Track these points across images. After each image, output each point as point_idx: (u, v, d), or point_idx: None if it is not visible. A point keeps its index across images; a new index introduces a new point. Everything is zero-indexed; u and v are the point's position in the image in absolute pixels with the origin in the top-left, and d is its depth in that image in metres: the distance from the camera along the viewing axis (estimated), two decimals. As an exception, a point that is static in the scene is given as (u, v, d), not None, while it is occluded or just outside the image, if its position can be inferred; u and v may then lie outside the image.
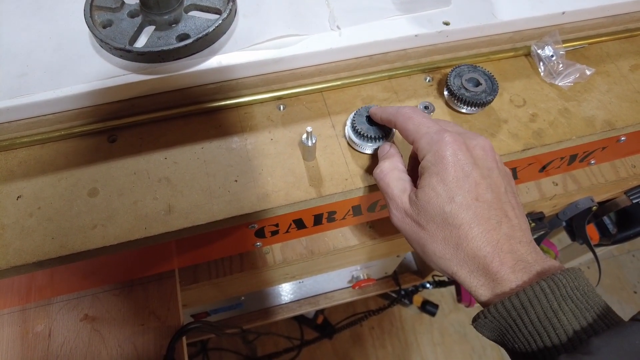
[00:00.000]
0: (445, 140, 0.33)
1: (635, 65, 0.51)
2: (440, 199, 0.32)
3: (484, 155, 0.34)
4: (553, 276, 0.29)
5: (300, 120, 0.44)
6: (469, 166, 0.32)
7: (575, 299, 0.28)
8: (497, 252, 0.31)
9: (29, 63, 0.42)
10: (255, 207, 0.39)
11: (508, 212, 0.32)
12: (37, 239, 0.37)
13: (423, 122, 0.35)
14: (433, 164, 0.33)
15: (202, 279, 0.57)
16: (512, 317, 0.29)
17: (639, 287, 1.58)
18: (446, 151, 0.32)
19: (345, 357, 1.39)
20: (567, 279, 0.29)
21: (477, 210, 0.31)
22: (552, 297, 0.28)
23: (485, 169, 0.33)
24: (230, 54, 0.42)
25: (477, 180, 0.32)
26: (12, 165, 0.41)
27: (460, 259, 0.32)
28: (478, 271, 0.31)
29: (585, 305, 0.28)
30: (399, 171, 0.37)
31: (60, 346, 0.48)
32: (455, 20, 0.46)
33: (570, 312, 0.28)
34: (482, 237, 0.31)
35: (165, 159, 0.41)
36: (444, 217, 0.32)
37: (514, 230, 0.32)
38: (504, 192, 0.33)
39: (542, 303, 0.28)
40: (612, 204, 0.74)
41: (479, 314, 0.31)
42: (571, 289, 0.28)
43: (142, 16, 0.43)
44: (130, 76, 0.41)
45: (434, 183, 0.32)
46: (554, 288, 0.28)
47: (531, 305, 0.28)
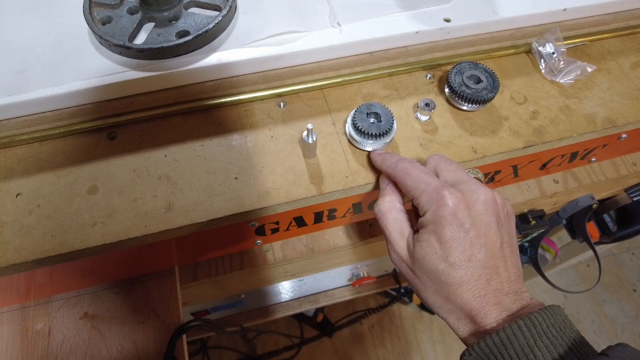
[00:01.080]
0: (444, 201, 0.34)
1: (636, 63, 0.51)
2: (435, 257, 0.34)
3: (484, 211, 0.35)
4: (530, 315, 0.31)
5: (300, 118, 0.44)
6: (466, 226, 0.34)
7: (550, 335, 0.30)
8: (483, 305, 0.33)
9: (28, 60, 0.42)
10: (256, 204, 0.39)
11: (499, 268, 0.34)
12: (36, 237, 0.37)
13: (421, 177, 0.36)
14: (432, 222, 0.34)
15: (202, 276, 0.56)
16: (494, 353, 0.31)
17: (638, 285, 1.58)
18: (445, 212, 0.34)
19: (345, 355, 1.39)
20: (544, 317, 0.31)
21: (469, 270, 0.33)
22: (529, 334, 0.30)
23: (483, 227, 0.34)
24: (230, 50, 0.42)
25: (473, 241, 0.34)
26: (11, 162, 0.41)
27: (449, 309, 0.35)
28: (465, 319, 0.34)
29: (559, 341, 0.30)
30: (396, 211, 0.38)
31: (60, 344, 0.48)
32: (456, 17, 0.46)
33: (544, 348, 0.30)
34: (470, 294, 0.33)
35: (165, 157, 0.41)
36: (437, 274, 0.34)
37: (502, 285, 0.34)
38: (499, 248, 0.35)
39: (520, 340, 0.30)
40: (612, 201, 0.74)
41: (464, 352, 0.33)
42: (547, 326, 0.31)
43: (142, 13, 0.43)
44: (129, 73, 0.41)
45: (432, 241, 0.34)
46: (530, 326, 0.30)
47: (510, 342, 0.30)
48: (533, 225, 0.67)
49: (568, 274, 1.58)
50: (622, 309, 1.53)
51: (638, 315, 1.52)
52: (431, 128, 0.44)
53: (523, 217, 0.68)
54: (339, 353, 1.39)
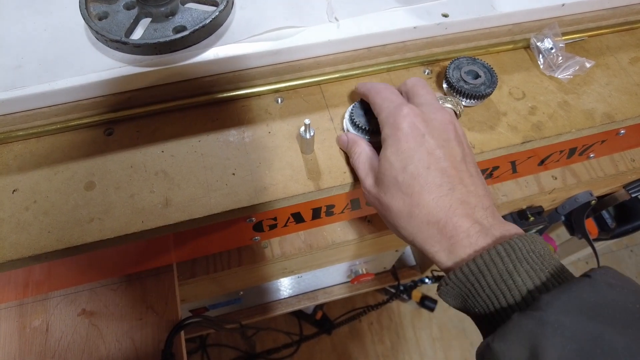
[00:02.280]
0: (402, 113, 0.34)
1: (635, 58, 0.51)
2: (394, 169, 0.33)
3: (442, 127, 0.34)
4: (510, 240, 0.29)
5: (298, 113, 0.44)
6: (422, 136, 0.33)
7: (530, 260, 0.29)
8: (450, 216, 0.31)
9: (24, 55, 0.41)
10: (253, 200, 0.39)
11: (464, 179, 0.33)
12: (33, 233, 0.37)
13: (389, 97, 0.36)
14: (389, 135, 0.34)
15: (200, 273, 0.56)
16: (471, 281, 0.30)
17: (638, 282, 1.58)
18: (402, 123, 0.33)
19: (344, 352, 1.39)
20: (524, 243, 0.29)
21: (429, 178, 0.32)
22: (508, 259, 0.29)
23: (441, 139, 0.34)
24: (228, 46, 0.42)
25: (431, 150, 0.33)
26: (8, 158, 0.40)
27: (415, 227, 0.33)
28: (433, 237, 0.32)
29: (540, 266, 0.29)
30: (366, 152, 0.38)
31: (57, 341, 0.48)
32: (454, 12, 0.46)
33: (525, 273, 0.29)
34: (434, 203, 0.32)
35: (162, 152, 0.41)
36: (398, 187, 0.33)
37: (469, 196, 0.32)
38: (461, 161, 0.34)
39: (498, 266, 0.29)
40: (611, 198, 0.74)
41: (440, 282, 0.32)
42: (527, 251, 0.29)
43: (138, 8, 0.43)
44: (126, 68, 0.40)
45: (388, 154, 0.34)
46: (510, 251, 0.29)
47: (487, 269, 0.29)
48: (531, 221, 0.67)
49: (567, 271, 1.58)
50: (620, 306, 1.53)
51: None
52: (429, 123, 0.44)
53: (521, 214, 0.68)
54: (338, 350, 1.40)
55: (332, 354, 1.39)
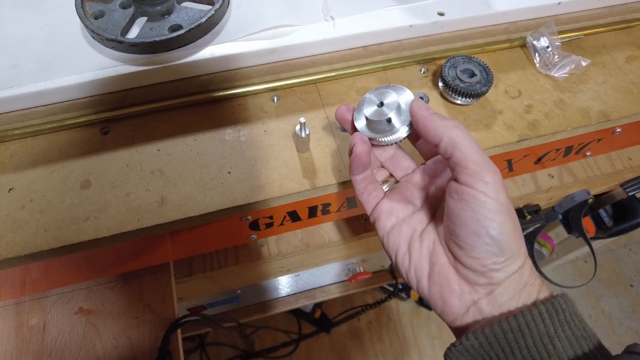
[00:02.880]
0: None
1: (631, 57, 0.51)
2: None
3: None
4: (552, 300, 0.27)
5: (294, 112, 0.44)
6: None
7: (572, 325, 0.27)
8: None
9: (20, 54, 0.41)
10: (249, 198, 0.39)
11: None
12: (29, 232, 0.37)
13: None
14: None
15: (197, 271, 0.56)
16: (508, 339, 0.27)
17: (635, 281, 1.59)
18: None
19: (342, 351, 1.40)
20: (567, 304, 0.27)
21: None
22: (549, 321, 0.26)
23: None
24: (223, 44, 0.42)
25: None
26: (4, 157, 0.40)
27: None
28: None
29: (582, 333, 0.27)
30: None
31: (54, 339, 0.48)
32: (449, 10, 0.46)
33: (565, 340, 0.26)
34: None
35: (158, 151, 0.41)
36: None
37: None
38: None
39: (539, 327, 0.26)
40: (608, 196, 0.74)
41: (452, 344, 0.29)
42: (569, 314, 0.27)
43: (134, 7, 0.43)
44: (122, 67, 0.40)
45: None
46: (552, 312, 0.27)
47: (528, 329, 0.26)
48: (529, 220, 0.67)
49: (565, 269, 1.58)
50: (619, 305, 1.53)
51: (635, 310, 1.52)
52: (425, 122, 0.44)
53: (518, 212, 0.68)
54: (336, 349, 1.40)
55: (330, 353, 1.39)
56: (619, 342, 1.43)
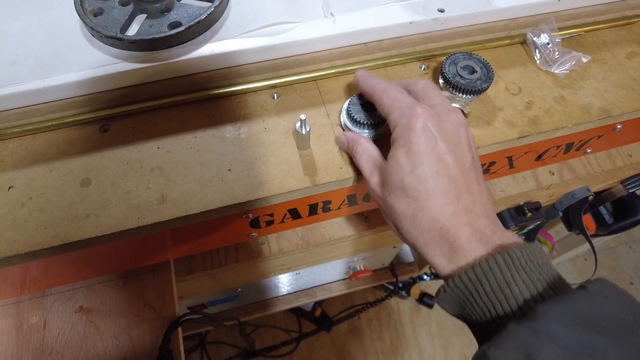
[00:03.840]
0: (416, 114, 0.33)
1: (631, 53, 0.51)
2: (402, 171, 0.33)
3: (454, 131, 0.34)
4: (509, 249, 0.30)
5: (294, 109, 0.44)
6: (435, 140, 0.33)
7: (528, 270, 0.29)
8: (453, 223, 0.32)
9: (19, 52, 0.41)
10: (249, 196, 0.39)
11: (471, 187, 0.33)
12: (29, 230, 0.37)
13: (398, 96, 0.35)
14: (400, 136, 0.34)
15: (197, 270, 0.56)
16: (469, 289, 0.30)
17: (635, 279, 1.59)
18: (415, 124, 0.33)
19: (343, 349, 1.40)
20: (522, 252, 0.30)
21: (436, 184, 0.32)
22: (506, 268, 0.29)
23: (452, 144, 0.33)
24: (223, 41, 0.42)
25: (441, 155, 0.33)
26: (3, 155, 0.40)
27: (417, 230, 0.33)
28: (434, 242, 0.32)
29: (537, 276, 0.30)
30: (368, 148, 0.38)
31: (55, 338, 0.48)
32: (450, 7, 0.46)
33: (522, 282, 0.29)
34: (438, 210, 0.32)
35: (158, 149, 0.41)
36: (403, 189, 0.33)
37: (474, 205, 0.33)
38: (470, 168, 0.34)
39: (496, 274, 0.29)
40: (608, 193, 0.74)
41: (439, 288, 0.32)
42: (525, 261, 0.30)
43: (134, 4, 0.43)
44: (121, 65, 0.40)
45: (398, 155, 0.33)
46: (508, 260, 0.29)
47: (486, 277, 0.29)
48: (529, 217, 0.67)
49: (565, 267, 1.58)
50: (619, 302, 1.54)
51: (635, 308, 1.53)
52: (425, 119, 0.44)
53: (519, 209, 0.68)
54: (337, 347, 1.40)
55: (331, 351, 1.39)
56: (619, 340, 1.43)
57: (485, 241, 0.32)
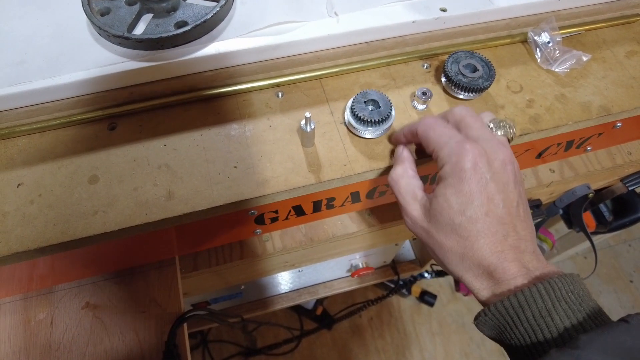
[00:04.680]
0: (465, 152, 0.33)
1: (631, 52, 0.51)
2: (452, 210, 0.34)
3: (503, 169, 0.34)
4: (550, 279, 0.31)
5: (298, 107, 0.45)
6: (485, 181, 0.33)
7: (569, 300, 0.30)
8: (501, 261, 0.33)
9: (28, 51, 0.42)
10: (255, 193, 0.39)
11: (517, 226, 0.34)
12: (38, 226, 0.37)
13: (445, 132, 0.35)
14: (450, 175, 0.34)
15: (202, 266, 0.57)
16: (510, 314, 0.31)
17: (635, 277, 1.59)
18: (466, 164, 0.33)
19: (344, 347, 1.40)
20: (563, 283, 0.31)
21: (486, 225, 0.33)
22: (547, 297, 0.30)
23: (501, 184, 0.34)
24: (228, 40, 0.42)
25: (491, 195, 0.33)
26: (12, 153, 0.41)
27: (465, 266, 0.34)
28: (482, 276, 0.34)
29: (577, 307, 0.30)
30: (408, 177, 0.38)
31: (62, 334, 0.49)
32: (452, 6, 0.47)
33: (563, 312, 0.30)
34: (487, 249, 0.33)
35: (165, 146, 0.42)
36: (454, 228, 0.34)
37: (520, 242, 0.34)
38: (516, 207, 0.34)
39: (538, 303, 0.30)
40: (608, 191, 0.75)
41: (480, 312, 0.33)
42: (566, 291, 0.31)
43: (140, 4, 0.43)
44: (128, 63, 0.41)
45: (448, 194, 0.34)
46: (549, 290, 0.30)
47: (527, 304, 0.30)
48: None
49: (566, 265, 1.59)
50: (618, 300, 1.54)
51: (635, 306, 1.53)
52: (428, 117, 0.45)
53: (520, 207, 0.68)
54: (338, 345, 1.40)
55: (332, 349, 1.40)
56: (619, 337, 1.43)
57: (530, 276, 0.33)
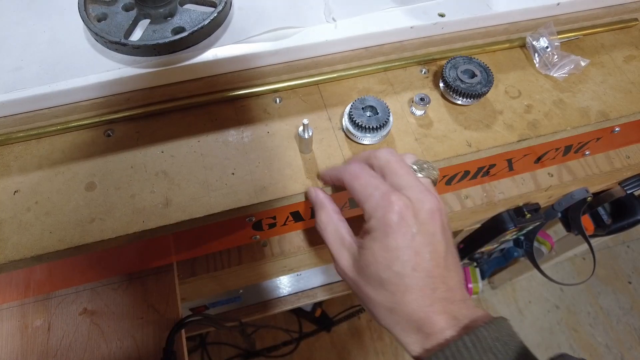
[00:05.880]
0: (391, 205, 0.33)
1: (629, 56, 0.51)
2: (379, 265, 0.33)
3: (430, 219, 0.34)
4: (476, 330, 0.30)
5: (296, 113, 0.45)
6: (411, 234, 0.33)
7: (495, 349, 0.30)
8: (430, 315, 0.32)
9: (24, 57, 0.42)
10: (253, 199, 0.39)
11: (445, 277, 0.34)
12: (35, 234, 0.37)
13: (370, 182, 0.35)
14: (377, 229, 0.33)
15: (200, 272, 0.57)
16: None
17: (633, 278, 1.60)
18: (391, 218, 0.33)
19: (343, 349, 1.40)
20: (489, 331, 0.30)
21: (414, 280, 0.33)
22: (474, 350, 0.29)
23: (429, 235, 0.34)
24: (226, 46, 0.42)
25: (418, 249, 0.33)
26: (8, 160, 0.41)
27: (394, 320, 0.34)
28: (411, 330, 0.33)
29: (503, 356, 0.30)
30: (334, 223, 0.38)
31: (59, 340, 0.48)
32: (450, 11, 0.47)
33: None
34: (416, 304, 0.32)
35: (162, 153, 0.42)
36: (381, 283, 0.33)
37: (448, 293, 0.33)
38: (444, 257, 0.34)
39: (464, 357, 0.29)
40: (606, 194, 0.75)
41: None
42: (492, 340, 0.30)
43: (137, 9, 0.43)
44: (125, 70, 0.41)
45: (375, 249, 0.33)
46: (476, 341, 0.30)
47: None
48: (528, 218, 0.68)
49: (564, 267, 1.59)
50: (617, 301, 1.54)
51: (633, 307, 1.54)
52: (426, 122, 0.45)
53: (518, 211, 0.68)
54: (337, 347, 1.40)
55: (331, 351, 1.40)
56: (618, 339, 1.44)
57: (458, 325, 0.32)
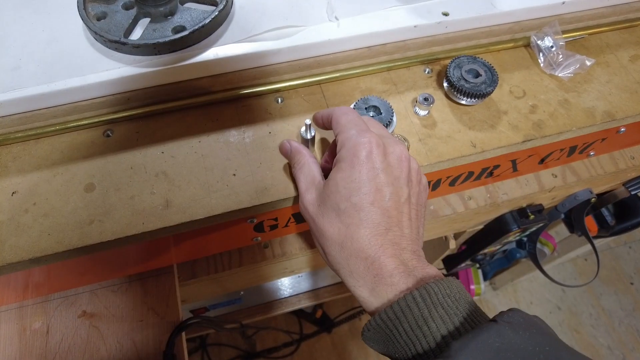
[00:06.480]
0: (363, 139, 0.33)
1: (635, 56, 0.51)
2: (339, 195, 0.33)
3: (397, 163, 0.34)
4: (426, 285, 0.30)
5: (298, 113, 0.44)
6: (376, 171, 0.33)
7: (445, 305, 0.29)
8: (379, 254, 0.32)
9: (22, 56, 0.41)
10: (254, 201, 0.39)
11: (402, 221, 0.33)
12: (33, 235, 0.37)
13: (356, 120, 0.35)
14: (344, 159, 0.33)
15: (200, 274, 0.56)
16: (389, 327, 0.30)
17: (636, 279, 1.59)
18: (360, 151, 0.33)
19: (344, 350, 1.40)
20: (440, 287, 0.30)
21: (369, 214, 0.32)
22: (423, 305, 0.29)
23: (392, 177, 0.34)
24: (227, 46, 0.42)
25: (379, 186, 0.33)
26: (6, 160, 0.40)
27: (343, 257, 0.33)
28: (358, 272, 0.32)
29: (454, 311, 0.29)
30: (309, 164, 0.37)
31: (58, 343, 0.48)
32: (454, 10, 0.46)
33: (439, 319, 0.29)
34: (367, 240, 0.32)
35: (162, 153, 0.41)
36: (338, 214, 0.33)
37: (402, 239, 0.33)
38: (404, 202, 0.34)
39: (414, 312, 0.29)
40: (610, 195, 0.74)
41: (364, 327, 0.32)
42: (442, 296, 0.29)
43: (137, 8, 0.43)
44: (125, 69, 0.40)
45: (339, 179, 0.33)
46: (426, 296, 0.29)
47: (404, 315, 0.29)
48: (532, 219, 0.67)
49: (566, 268, 1.58)
50: (619, 302, 1.54)
51: (635, 308, 1.53)
52: (430, 122, 0.44)
53: (522, 212, 0.67)
54: (338, 349, 1.40)
55: (332, 353, 1.39)
56: (620, 340, 1.43)
57: (408, 274, 0.31)
